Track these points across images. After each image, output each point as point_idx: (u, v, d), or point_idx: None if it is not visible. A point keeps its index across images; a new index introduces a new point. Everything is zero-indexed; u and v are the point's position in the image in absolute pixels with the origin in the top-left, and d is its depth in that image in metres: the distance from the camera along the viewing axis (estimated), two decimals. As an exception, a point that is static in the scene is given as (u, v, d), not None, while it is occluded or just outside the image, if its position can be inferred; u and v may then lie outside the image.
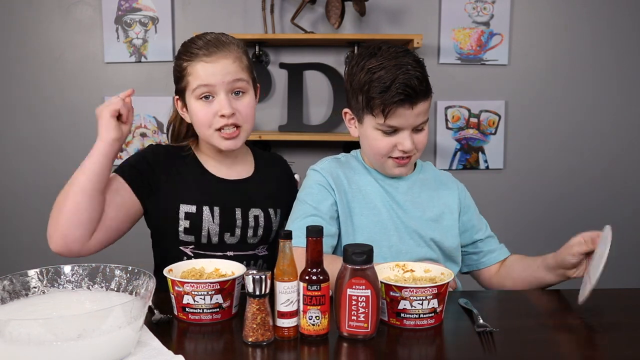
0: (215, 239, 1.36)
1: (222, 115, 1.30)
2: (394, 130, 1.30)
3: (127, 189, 1.33)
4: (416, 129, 1.31)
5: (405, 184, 1.41)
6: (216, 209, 1.36)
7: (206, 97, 1.32)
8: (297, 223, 1.30)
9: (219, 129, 1.32)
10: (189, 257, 1.36)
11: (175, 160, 1.40)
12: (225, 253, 1.37)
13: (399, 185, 1.40)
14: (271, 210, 1.42)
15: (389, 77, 1.24)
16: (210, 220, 1.35)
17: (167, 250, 1.39)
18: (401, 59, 1.26)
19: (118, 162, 2.71)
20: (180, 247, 1.37)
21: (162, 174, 1.37)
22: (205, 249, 1.36)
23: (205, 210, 1.35)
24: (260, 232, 1.40)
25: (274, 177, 1.49)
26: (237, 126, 1.33)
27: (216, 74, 1.30)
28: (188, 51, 1.33)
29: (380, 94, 1.25)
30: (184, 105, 1.38)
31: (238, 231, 1.38)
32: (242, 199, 1.40)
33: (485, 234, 1.47)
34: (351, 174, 1.41)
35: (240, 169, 1.45)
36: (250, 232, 1.39)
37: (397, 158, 1.33)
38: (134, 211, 1.35)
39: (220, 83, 1.30)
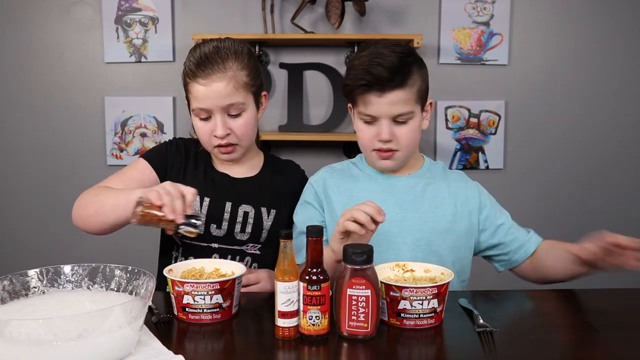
0: (201, 229, 1.38)
1: (216, 136, 1.36)
2: (372, 120, 1.32)
3: (151, 169, 1.41)
4: (397, 121, 1.31)
5: (408, 183, 1.39)
6: (206, 200, 1.40)
7: (204, 118, 1.36)
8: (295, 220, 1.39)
9: (217, 146, 1.38)
10: (178, 246, 1.43)
11: (188, 154, 1.47)
12: (209, 244, 1.40)
13: (402, 185, 1.39)
14: (264, 209, 1.43)
15: (360, 64, 1.29)
16: (198, 210, 1.40)
17: (165, 236, 1.47)
18: (380, 51, 1.29)
19: (116, 160, 2.71)
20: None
21: (174, 163, 1.44)
22: (191, 238, 1.39)
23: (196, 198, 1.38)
24: (248, 228, 1.41)
25: (279, 181, 1.50)
26: (232, 144, 1.38)
27: (211, 97, 1.33)
28: (189, 66, 1.35)
29: (350, 80, 1.31)
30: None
31: (225, 224, 1.41)
32: (235, 194, 1.43)
33: (507, 229, 1.40)
34: (342, 182, 1.42)
35: (246, 169, 1.48)
36: (237, 228, 1.41)
37: (379, 150, 1.34)
38: None
39: (215, 107, 1.34)
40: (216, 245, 1.40)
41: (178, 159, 1.45)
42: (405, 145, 1.33)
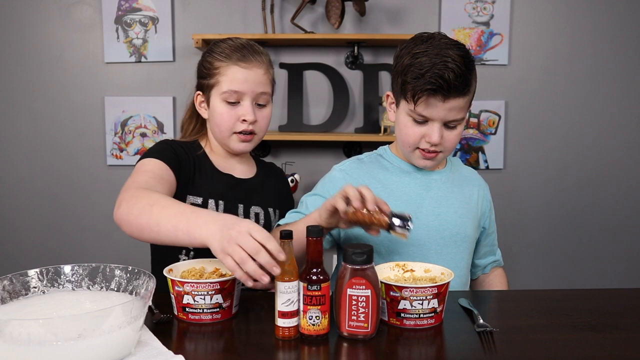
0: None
1: (244, 120, 1.36)
2: (424, 121, 1.30)
3: (168, 168, 1.30)
4: (448, 125, 1.30)
5: (440, 178, 1.41)
6: (221, 203, 1.39)
7: (232, 102, 1.36)
8: (304, 202, 1.38)
9: (237, 132, 1.38)
10: (187, 251, 1.37)
11: (190, 154, 1.43)
12: None
13: (435, 180, 1.40)
14: (271, 210, 1.45)
15: (426, 65, 1.24)
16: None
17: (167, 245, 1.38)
18: (446, 51, 1.25)
19: (116, 160, 2.70)
20: None
21: (183, 163, 1.37)
22: None
23: (211, 203, 1.37)
24: None
25: (273, 181, 1.53)
26: (253, 132, 1.39)
27: (248, 82, 1.35)
28: (223, 51, 1.36)
29: (414, 80, 1.25)
30: (205, 100, 1.41)
31: None
32: (244, 196, 1.43)
33: (492, 239, 1.52)
34: (375, 171, 1.40)
35: (246, 169, 1.48)
36: None
37: (423, 150, 1.33)
38: (174, 189, 1.32)
39: (250, 92, 1.36)
40: None
41: (185, 159, 1.38)
42: (449, 148, 1.34)
